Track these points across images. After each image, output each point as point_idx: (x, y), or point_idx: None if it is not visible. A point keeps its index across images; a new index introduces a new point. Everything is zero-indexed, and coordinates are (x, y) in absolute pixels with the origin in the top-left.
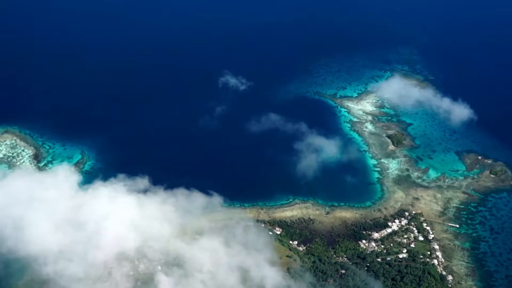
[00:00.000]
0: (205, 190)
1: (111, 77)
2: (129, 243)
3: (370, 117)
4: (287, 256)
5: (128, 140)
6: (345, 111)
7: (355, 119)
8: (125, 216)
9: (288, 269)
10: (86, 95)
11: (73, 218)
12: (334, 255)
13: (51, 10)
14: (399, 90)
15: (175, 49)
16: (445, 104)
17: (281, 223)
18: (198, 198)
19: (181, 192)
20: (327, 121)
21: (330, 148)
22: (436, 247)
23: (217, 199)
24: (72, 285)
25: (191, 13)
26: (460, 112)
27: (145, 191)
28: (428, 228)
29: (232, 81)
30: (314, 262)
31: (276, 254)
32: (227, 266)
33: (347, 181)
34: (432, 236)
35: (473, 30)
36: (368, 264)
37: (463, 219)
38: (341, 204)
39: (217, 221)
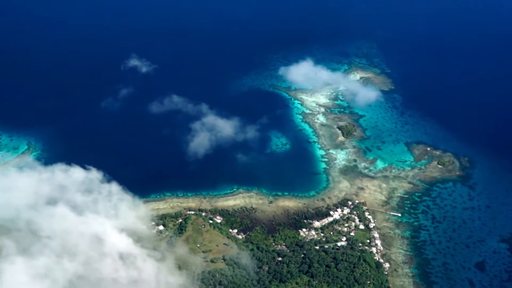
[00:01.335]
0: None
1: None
2: None
3: (322, 109)
4: (224, 244)
5: (67, 130)
6: (298, 103)
7: (308, 111)
8: None
9: (223, 256)
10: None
11: None
12: (273, 243)
13: None
14: (307, 73)
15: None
16: (352, 85)
17: (223, 212)
18: (76, 174)
19: (60, 168)
20: (279, 113)
21: (279, 140)
22: (376, 235)
23: (95, 174)
24: None
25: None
26: (365, 94)
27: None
28: (370, 217)
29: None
30: (252, 250)
31: (137, 223)
32: (79, 233)
33: (294, 171)
34: (373, 224)
35: (433, 24)
36: (305, 252)
37: (406, 208)
38: (285, 193)
39: (89, 195)
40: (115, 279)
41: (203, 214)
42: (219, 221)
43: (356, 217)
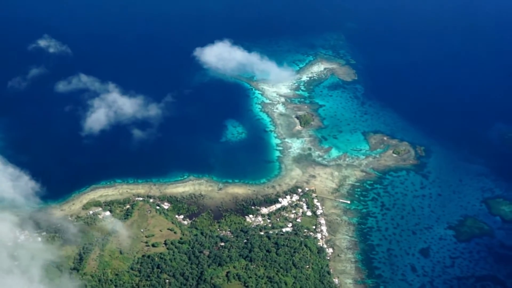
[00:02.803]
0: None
1: None
2: None
3: (283, 99)
4: (168, 229)
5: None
6: (259, 93)
7: (268, 101)
8: None
9: (165, 240)
10: None
11: None
12: (218, 229)
13: None
14: (221, 53)
15: None
16: (264, 65)
17: (171, 199)
18: None
19: None
20: (238, 103)
21: (235, 129)
22: (323, 221)
23: None
24: None
25: None
26: (278, 73)
27: None
28: (318, 204)
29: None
30: (195, 235)
31: None
32: None
33: (247, 159)
34: (321, 211)
35: (400, 16)
36: (248, 237)
37: (356, 196)
38: (236, 180)
39: None
40: None
41: (151, 200)
42: (166, 207)
43: (304, 204)
